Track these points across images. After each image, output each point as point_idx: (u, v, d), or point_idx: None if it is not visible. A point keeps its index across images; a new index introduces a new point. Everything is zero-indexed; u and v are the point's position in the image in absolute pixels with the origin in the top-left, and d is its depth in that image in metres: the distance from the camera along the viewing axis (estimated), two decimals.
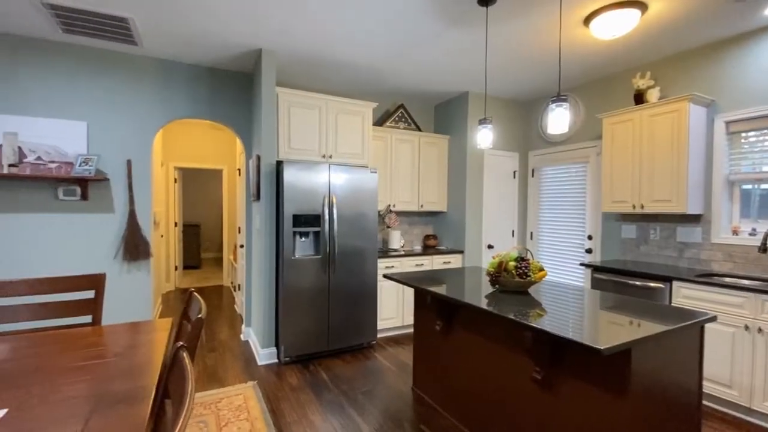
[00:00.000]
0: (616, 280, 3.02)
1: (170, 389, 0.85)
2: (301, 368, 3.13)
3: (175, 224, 6.19)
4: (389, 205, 4.17)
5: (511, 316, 1.64)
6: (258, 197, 3.31)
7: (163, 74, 3.37)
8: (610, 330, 1.48)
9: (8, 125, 2.92)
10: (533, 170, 4.52)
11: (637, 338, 1.37)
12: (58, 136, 3.05)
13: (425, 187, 4.38)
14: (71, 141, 3.09)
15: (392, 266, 3.87)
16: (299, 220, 3.19)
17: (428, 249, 4.40)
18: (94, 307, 1.87)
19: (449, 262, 4.19)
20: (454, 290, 2.18)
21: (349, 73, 3.67)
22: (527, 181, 4.61)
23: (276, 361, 3.26)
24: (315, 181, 3.24)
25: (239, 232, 4.84)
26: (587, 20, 2.59)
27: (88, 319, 2.13)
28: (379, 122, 4.40)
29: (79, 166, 3.01)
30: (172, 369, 0.87)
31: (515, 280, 2.06)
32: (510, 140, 4.52)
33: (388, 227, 4.28)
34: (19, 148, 2.93)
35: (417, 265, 4.00)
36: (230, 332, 4.05)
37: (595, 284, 3.19)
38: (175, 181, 6.10)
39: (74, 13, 2.56)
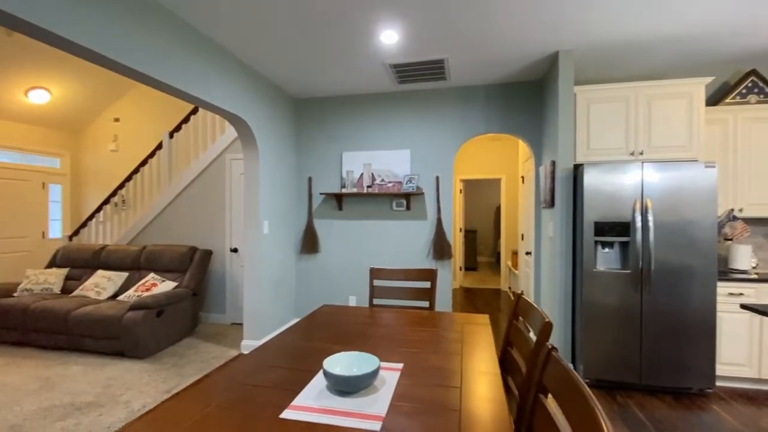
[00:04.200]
0: None
1: (548, 386, 0.91)
2: (606, 396, 2.77)
3: (460, 230, 6.99)
4: (730, 210, 3.09)
5: None
6: (551, 204, 3.22)
7: (463, 99, 3.87)
8: None
9: (365, 158, 4.15)
10: None
11: None
12: (391, 163, 4.07)
13: None
14: (400, 165, 4.05)
15: (739, 293, 2.83)
16: (602, 228, 2.86)
17: None
18: (430, 294, 2.33)
19: None
20: None
21: (666, 50, 2.99)
22: None
23: None
24: (622, 183, 2.82)
25: (522, 239, 4.89)
26: None
27: (425, 303, 2.67)
28: (712, 101, 3.36)
29: (406, 184, 3.89)
30: (545, 367, 0.93)
31: None
32: None
33: (729, 240, 3.18)
34: (372, 174, 4.10)
35: None
36: None
37: None
38: (460, 191, 6.89)
39: (407, 67, 3.34)
